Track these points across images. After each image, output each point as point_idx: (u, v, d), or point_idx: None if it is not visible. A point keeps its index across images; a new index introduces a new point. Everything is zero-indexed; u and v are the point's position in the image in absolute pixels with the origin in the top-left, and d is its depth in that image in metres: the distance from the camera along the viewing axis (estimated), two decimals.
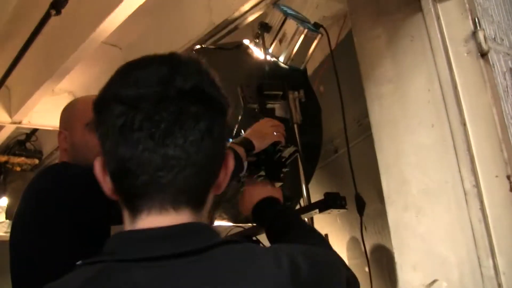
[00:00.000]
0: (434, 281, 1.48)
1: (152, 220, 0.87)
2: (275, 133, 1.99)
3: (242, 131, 2.27)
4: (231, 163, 0.98)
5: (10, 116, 3.78)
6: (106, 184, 0.91)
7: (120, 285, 0.80)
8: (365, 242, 2.60)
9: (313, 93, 2.80)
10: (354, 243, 2.86)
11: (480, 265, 1.38)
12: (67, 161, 1.65)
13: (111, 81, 0.91)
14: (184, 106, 0.87)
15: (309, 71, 2.93)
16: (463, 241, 1.41)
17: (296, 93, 2.38)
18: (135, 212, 0.88)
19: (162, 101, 0.85)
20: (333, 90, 2.56)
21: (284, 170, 2.21)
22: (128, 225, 0.90)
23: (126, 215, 0.90)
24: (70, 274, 0.84)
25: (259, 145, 1.87)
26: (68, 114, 1.69)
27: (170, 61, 0.92)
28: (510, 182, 1.38)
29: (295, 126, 2.37)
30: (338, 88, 2.47)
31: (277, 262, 0.86)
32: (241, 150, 1.77)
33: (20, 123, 3.86)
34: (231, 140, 2.19)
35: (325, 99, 2.85)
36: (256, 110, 2.23)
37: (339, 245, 2.96)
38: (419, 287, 1.52)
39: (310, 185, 2.51)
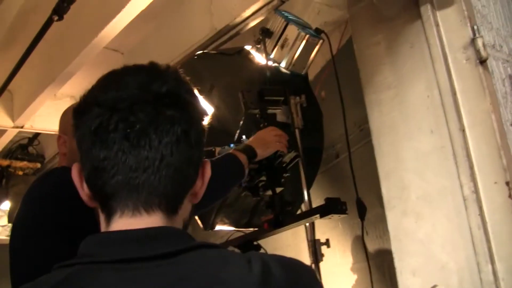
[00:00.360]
0: (434, 287, 1.49)
1: (125, 222, 0.87)
2: (278, 143, 2.01)
3: (244, 136, 2.28)
4: (208, 172, 0.98)
5: (13, 120, 3.79)
6: (84, 190, 0.92)
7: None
8: (367, 247, 2.61)
9: (315, 99, 2.81)
10: (356, 248, 2.86)
11: (479, 271, 1.39)
12: (66, 165, 1.66)
13: (92, 87, 0.92)
14: (161, 109, 0.87)
15: (311, 77, 2.94)
16: (462, 247, 1.42)
17: (297, 98, 2.39)
18: (109, 214, 0.89)
19: (138, 103, 0.86)
20: (335, 95, 2.57)
21: (285, 175, 2.23)
22: (103, 228, 0.90)
23: (101, 218, 0.91)
24: (43, 276, 0.85)
25: (262, 153, 1.89)
26: (67, 118, 1.70)
27: (149, 69, 0.93)
28: (509, 189, 1.38)
29: (297, 131, 2.38)
30: (339, 94, 2.48)
31: (249, 267, 0.86)
32: (243, 157, 1.78)
33: (22, 127, 3.87)
34: (232, 146, 2.20)
35: (327, 104, 2.86)
36: (257, 115, 2.24)
37: (341, 249, 2.97)
38: None
39: (311, 190, 2.52)
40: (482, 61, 1.45)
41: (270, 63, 2.43)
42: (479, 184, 1.38)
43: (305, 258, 2.55)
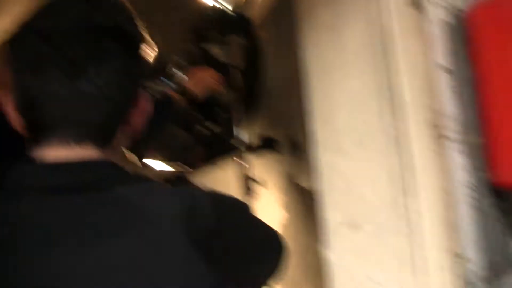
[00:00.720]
0: (357, 222, 1.55)
1: (56, 153, 0.87)
2: (214, 83, 2.02)
3: (178, 72, 2.27)
4: (144, 104, 0.98)
5: None
6: (17, 120, 0.90)
7: (6, 215, 0.82)
8: (302, 186, 2.66)
9: (256, 38, 2.80)
10: (291, 187, 2.93)
11: (400, 207, 1.45)
12: None
13: (30, 15, 0.90)
14: (100, 42, 0.86)
15: (254, 18, 2.92)
16: (387, 184, 1.47)
17: (238, 37, 2.38)
18: (39, 145, 0.88)
19: (77, 35, 0.85)
20: (277, 36, 2.57)
21: (221, 113, 2.25)
22: (34, 156, 0.90)
23: (32, 148, 0.90)
24: None
25: (199, 94, 1.90)
26: None
27: None
28: (435, 129, 1.44)
29: (236, 71, 2.39)
30: (282, 34, 2.49)
31: (175, 199, 0.86)
32: (180, 98, 1.79)
33: None
34: (163, 79, 2.20)
35: (269, 45, 2.85)
36: (197, 53, 2.24)
37: (275, 189, 3.02)
38: (341, 227, 1.59)
39: (249, 130, 2.54)
40: (418, 5, 1.48)
41: (214, 3, 2.41)
42: (409, 125, 1.43)
43: (238, 195, 2.59)
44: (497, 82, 1.44)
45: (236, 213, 1.01)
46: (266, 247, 1.06)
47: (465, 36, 1.55)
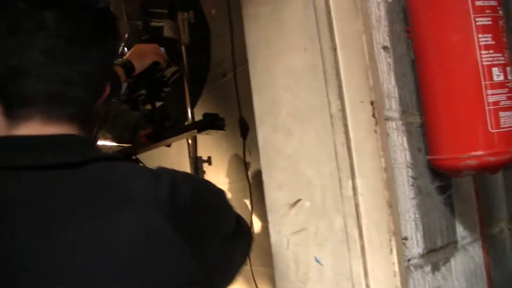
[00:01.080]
0: (298, 201, 1.55)
1: (34, 128, 0.84)
2: (154, 54, 1.98)
3: (126, 49, 2.22)
4: (108, 85, 0.96)
5: None
6: None
7: None
8: (249, 166, 2.66)
9: (204, 16, 2.76)
10: (238, 167, 2.91)
11: (340, 186, 1.45)
12: None
13: None
14: (89, 19, 0.84)
15: None
16: (327, 163, 1.47)
17: (185, 14, 2.34)
18: (15, 120, 0.85)
19: (69, 12, 0.82)
20: (224, 13, 2.54)
21: (166, 89, 2.21)
22: (3, 131, 0.86)
23: (2, 121, 0.86)
24: None
25: (138, 64, 1.87)
26: None
27: None
28: (373, 108, 1.43)
29: (183, 47, 2.35)
30: (228, 12, 2.45)
31: (156, 181, 0.85)
32: (119, 70, 1.76)
33: None
34: (118, 61, 2.15)
35: (216, 23, 2.82)
36: (140, 27, 2.19)
37: (223, 168, 3.01)
38: (284, 206, 1.58)
39: (196, 108, 2.52)
40: None
41: None
42: (346, 102, 1.42)
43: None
44: (433, 60, 1.44)
45: (213, 196, 1.01)
46: (239, 232, 1.06)
47: (403, 12, 1.55)
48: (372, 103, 1.43)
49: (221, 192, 1.06)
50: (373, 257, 1.44)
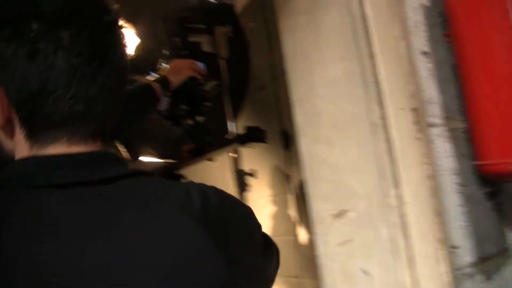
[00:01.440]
0: (343, 211, 1.52)
1: (59, 149, 0.84)
2: (190, 69, 2.00)
3: (163, 64, 2.24)
4: None
5: None
6: (3, 113, 0.86)
7: (21, 211, 0.78)
8: (293, 178, 2.64)
9: (242, 29, 2.77)
10: (281, 179, 2.90)
11: (385, 195, 1.42)
12: None
13: None
14: (103, 36, 0.84)
15: (239, 7, 2.89)
16: (370, 172, 1.45)
17: (223, 28, 2.36)
18: (38, 142, 0.85)
19: (85, 26, 0.82)
20: (262, 26, 2.54)
21: (206, 104, 2.21)
22: (28, 152, 0.86)
23: (24, 143, 0.86)
24: None
25: (174, 79, 1.89)
26: None
27: None
28: (415, 115, 1.41)
29: (222, 61, 2.36)
30: (266, 24, 2.46)
31: (189, 198, 0.85)
32: (156, 85, 1.78)
33: None
34: (152, 73, 2.17)
35: (254, 36, 2.82)
36: (178, 43, 2.20)
37: (266, 181, 3.00)
38: (329, 217, 1.56)
39: (237, 122, 2.52)
40: None
41: None
42: (386, 110, 1.40)
43: (232, 189, 2.57)
44: (477, 63, 1.41)
45: (241, 209, 1.00)
46: (270, 245, 1.05)
47: (440, 17, 1.52)
48: (413, 109, 1.40)
49: (247, 207, 1.05)
50: (421, 267, 1.41)
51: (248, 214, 1.00)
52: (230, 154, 2.53)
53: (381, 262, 1.46)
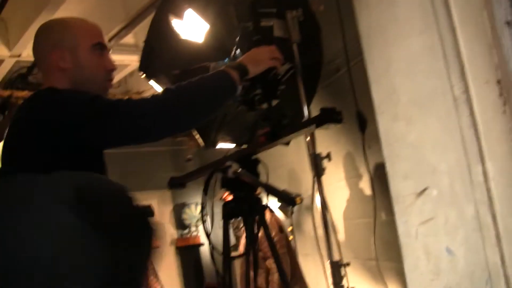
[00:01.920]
0: (425, 189, 1.49)
1: None
2: (271, 60, 1.98)
3: (238, 51, 2.25)
4: None
5: (9, 50, 3.70)
6: None
7: None
8: (369, 160, 2.61)
9: (312, 12, 2.74)
10: (357, 161, 2.87)
11: (469, 172, 1.38)
12: (68, 81, 1.63)
13: None
14: None
15: None
16: (453, 148, 1.41)
17: (294, 12, 2.34)
18: None
19: None
20: (333, 8, 2.51)
21: (280, 87, 2.21)
22: None
23: None
24: None
25: (254, 70, 1.88)
26: (68, 33, 1.66)
27: None
28: (500, 88, 1.36)
29: (294, 45, 2.34)
30: (337, 6, 2.43)
31: (60, 187, 0.88)
32: (234, 74, 1.76)
33: (19, 56, 3.80)
34: (227, 61, 2.18)
35: (325, 18, 2.79)
36: (250, 28, 2.20)
37: (342, 163, 2.98)
38: (410, 195, 1.53)
39: (312, 106, 2.51)
40: None
41: None
42: (469, 84, 1.36)
43: (308, 172, 2.57)
44: None
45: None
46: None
47: None
48: (498, 82, 1.35)
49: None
50: (510, 244, 1.36)
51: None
52: (306, 137, 2.52)
53: (466, 241, 1.42)
